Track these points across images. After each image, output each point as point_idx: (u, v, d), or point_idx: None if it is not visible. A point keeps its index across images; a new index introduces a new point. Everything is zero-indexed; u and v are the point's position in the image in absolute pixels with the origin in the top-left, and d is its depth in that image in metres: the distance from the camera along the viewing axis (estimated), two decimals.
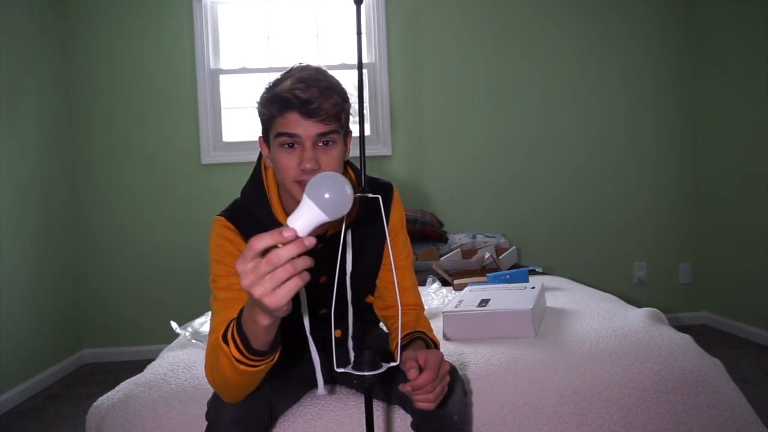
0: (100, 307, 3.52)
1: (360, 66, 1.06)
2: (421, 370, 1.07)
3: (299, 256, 0.80)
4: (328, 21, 3.62)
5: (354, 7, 1.08)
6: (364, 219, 1.29)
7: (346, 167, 1.28)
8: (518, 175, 3.63)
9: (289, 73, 1.14)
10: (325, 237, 1.25)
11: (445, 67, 3.59)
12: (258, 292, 0.80)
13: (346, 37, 3.61)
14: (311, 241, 0.81)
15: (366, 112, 3.59)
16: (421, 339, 1.26)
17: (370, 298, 1.43)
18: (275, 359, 1.01)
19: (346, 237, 1.27)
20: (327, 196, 0.81)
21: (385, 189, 1.35)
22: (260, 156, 1.27)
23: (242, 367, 0.98)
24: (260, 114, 1.17)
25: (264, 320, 0.89)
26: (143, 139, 3.50)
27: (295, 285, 0.80)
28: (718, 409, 1.44)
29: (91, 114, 3.50)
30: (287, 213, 1.22)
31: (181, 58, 3.50)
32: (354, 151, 1.30)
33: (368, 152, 3.39)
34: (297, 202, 1.11)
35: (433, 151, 3.61)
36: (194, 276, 3.47)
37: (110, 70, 3.49)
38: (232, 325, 0.98)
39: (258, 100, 1.17)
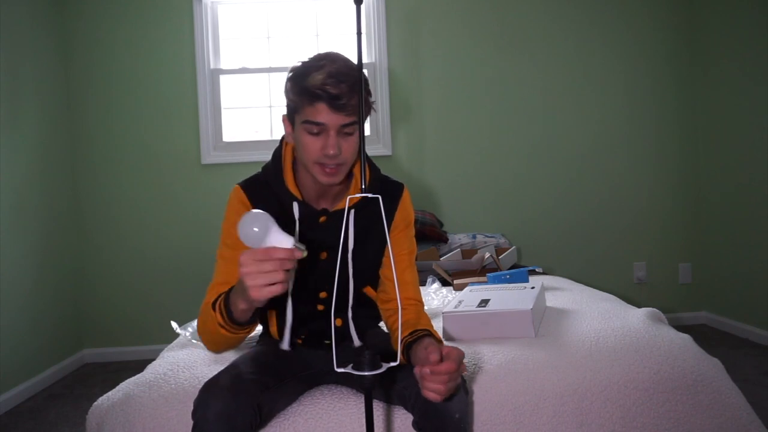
0: (100, 307, 3.52)
1: (360, 66, 1.06)
2: (442, 359, 1.09)
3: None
4: (328, 21, 3.62)
5: (354, 7, 1.08)
6: (370, 203, 1.32)
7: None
8: (518, 175, 3.63)
9: (320, 65, 1.20)
10: (328, 211, 1.33)
11: (445, 67, 3.59)
12: (250, 282, 0.98)
13: (346, 37, 3.61)
14: (300, 254, 0.99)
15: None
16: (430, 336, 1.27)
17: (371, 292, 1.45)
18: (252, 331, 1.22)
19: (348, 218, 1.33)
20: (255, 230, 0.98)
21: (395, 188, 1.41)
22: (282, 138, 1.37)
23: (224, 331, 1.15)
24: (288, 96, 1.24)
25: (242, 305, 1.08)
26: (143, 139, 3.51)
27: (277, 289, 0.99)
28: (717, 409, 1.44)
29: (91, 114, 3.50)
30: (299, 187, 1.33)
31: (181, 58, 3.50)
32: None
33: (368, 152, 3.38)
34: (312, 178, 1.28)
35: (433, 151, 3.61)
36: (194, 276, 3.47)
37: (110, 71, 3.49)
38: (221, 298, 1.15)
39: (288, 86, 1.24)
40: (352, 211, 1.32)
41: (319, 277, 1.34)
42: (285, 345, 1.33)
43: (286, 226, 1.22)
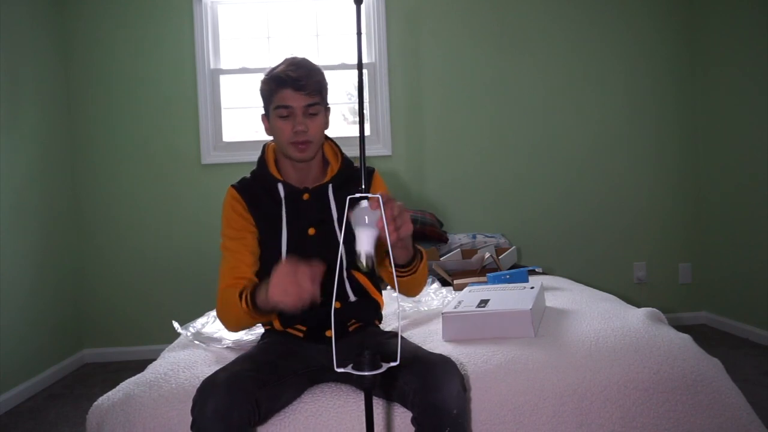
0: (100, 307, 3.52)
1: (360, 66, 1.07)
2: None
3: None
4: (328, 21, 3.62)
5: (354, 7, 1.09)
6: (349, 187, 1.46)
7: (325, 142, 1.56)
8: (518, 175, 3.63)
9: (284, 61, 1.47)
10: (309, 189, 1.50)
11: (445, 67, 3.59)
12: (274, 292, 1.20)
13: (346, 37, 3.61)
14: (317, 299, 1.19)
15: (366, 112, 3.59)
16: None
17: (364, 281, 1.52)
18: (272, 317, 1.45)
19: (327, 191, 1.50)
20: (366, 218, 1.11)
21: (367, 171, 1.51)
22: (264, 146, 1.57)
23: (249, 317, 1.35)
24: (262, 91, 1.48)
25: (261, 300, 1.28)
26: (143, 139, 3.51)
27: (291, 305, 1.18)
28: (717, 409, 1.44)
29: (91, 114, 3.50)
30: (282, 175, 1.52)
31: (181, 58, 3.50)
32: (354, 151, 1.37)
33: (368, 152, 3.39)
34: (291, 164, 1.50)
35: (433, 151, 3.61)
36: (194, 276, 3.47)
37: (110, 70, 3.49)
38: (247, 292, 1.34)
39: (261, 82, 1.48)
40: (330, 187, 1.50)
41: (311, 253, 1.39)
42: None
43: (273, 209, 1.49)
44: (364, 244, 1.10)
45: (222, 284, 1.45)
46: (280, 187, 1.49)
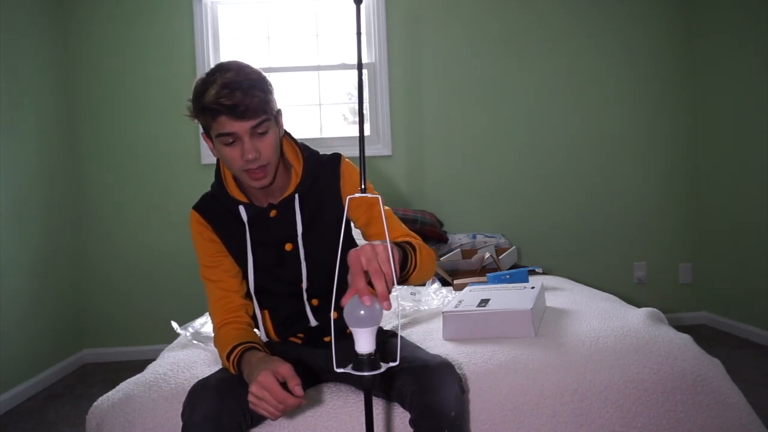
0: (100, 307, 3.52)
1: (360, 66, 1.06)
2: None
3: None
4: (328, 21, 3.62)
5: (354, 7, 1.08)
6: (318, 185, 1.38)
7: (284, 142, 1.39)
8: (518, 175, 3.63)
9: (212, 79, 1.22)
10: (275, 204, 1.37)
11: (445, 67, 3.59)
12: (252, 402, 1.12)
13: (346, 37, 3.61)
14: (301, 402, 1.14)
15: (366, 112, 3.59)
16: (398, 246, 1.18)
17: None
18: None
19: (294, 203, 1.36)
20: (362, 313, 0.94)
21: (331, 163, 1.41)
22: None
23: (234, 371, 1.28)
24: (196, 119, 1.28)
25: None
26: (143, 139, 3.51)
27: (268, 415, 1.12)
28: (717, 409, 1.44)
29: (91, 114, 3.50)
30: (244, 192, 1.38)
31: (181, 58, 3.50)
32: (354, 151, 1.35)
33: (368, 152, 3.39)
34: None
35: (433, 151, 3.61)
36: (194, 276, 3.44)
37: (110, 70, 3.49)
38: (236, 358, 1.26)
39: (190, 108, 1.27)
40: (296, 198, 1.36)
41: (292, 267, 1.38)
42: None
43: (239, 230, 1.37)
44: (363, 345, 0.95)
45: (217, 319, 1.38)
46: (242, 209, 1.37)
